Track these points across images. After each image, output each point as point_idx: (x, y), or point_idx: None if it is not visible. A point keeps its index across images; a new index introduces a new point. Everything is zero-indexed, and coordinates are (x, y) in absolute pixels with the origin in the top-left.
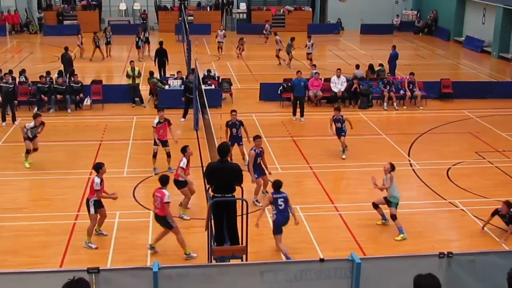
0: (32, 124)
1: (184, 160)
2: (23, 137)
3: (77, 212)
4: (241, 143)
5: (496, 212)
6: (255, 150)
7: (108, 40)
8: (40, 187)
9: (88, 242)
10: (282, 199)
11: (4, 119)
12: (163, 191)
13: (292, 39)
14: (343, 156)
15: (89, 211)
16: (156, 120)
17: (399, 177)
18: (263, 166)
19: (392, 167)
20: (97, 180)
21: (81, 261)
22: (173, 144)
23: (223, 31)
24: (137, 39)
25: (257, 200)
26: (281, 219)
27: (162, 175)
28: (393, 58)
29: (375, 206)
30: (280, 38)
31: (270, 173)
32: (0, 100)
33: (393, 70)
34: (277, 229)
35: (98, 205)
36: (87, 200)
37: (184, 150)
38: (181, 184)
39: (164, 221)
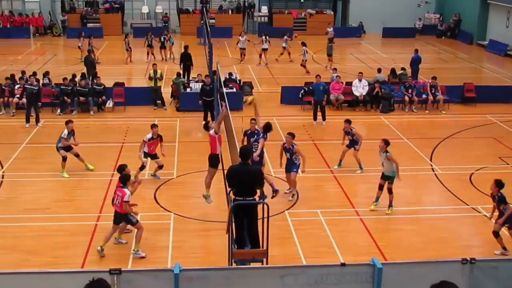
0: (66, 131)
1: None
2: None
3: (98, 214)
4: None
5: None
6: (283, 144)
7: (128, 47)
8: (62, 188)
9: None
10: None
11: (28, 121)
12: (124, 190)
13: (303, 44)
14: (359, 171)
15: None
16: (149, 136)
17: (421, 181)
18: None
19: (387, 143)
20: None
21: (102, 262)
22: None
23: (244, 37)
24: (161, 40)
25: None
26: None
27: (123, 175)
28: (415, 61)
29: (381, 187)
30: (306, 49)
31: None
32: (25, 101)
33: (416, 74)
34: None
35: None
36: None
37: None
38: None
39: (125, 218)
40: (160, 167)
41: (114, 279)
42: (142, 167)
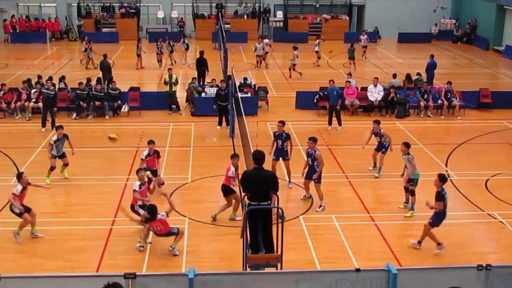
0: (55, 137)
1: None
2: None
3: (113, 218)
4: (286, 158)
5: None
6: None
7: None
8: (77, 192)
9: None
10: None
11: (44, 125)
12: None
13: (295, 48)
14: (376, 175)
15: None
16: (146, 153)
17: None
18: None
19: (407, 146)
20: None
21: (117, 266)
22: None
23: (261, 44)
24: (170, 44)
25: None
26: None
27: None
28: (431, 67)
29: (407, 189)
30: (297, 53)
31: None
32: (41, 105)
33: (431, 79)
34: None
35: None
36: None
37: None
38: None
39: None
40: (161, 184)
41: (128, 283)
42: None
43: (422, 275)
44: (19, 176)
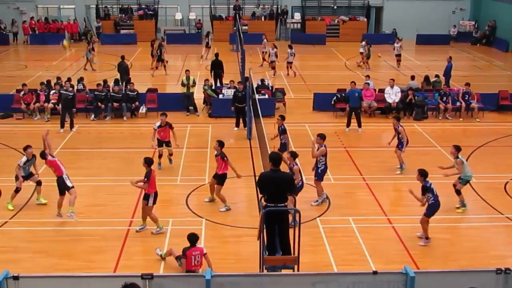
0: (24, 159)
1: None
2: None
3: (131, 218)
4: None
5: None
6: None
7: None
8: (95, 193)
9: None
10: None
11: (62, 126)
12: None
13: (290, 46)
14: (398, 172)
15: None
16: (158, 123)
17: (454, 190)
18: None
19: (458, 149)
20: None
21: (134, 267)
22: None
23: (275, 49)
24: (158, 52)
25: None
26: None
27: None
28: (449, 69)
29: (458, 192)
30: (293, 51)
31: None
32: (60, 107)
33: (447, 81)
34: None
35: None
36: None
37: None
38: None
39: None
40: (170, 155)
41: (146, 284)
42: (160, 156)
43: (440, 278)
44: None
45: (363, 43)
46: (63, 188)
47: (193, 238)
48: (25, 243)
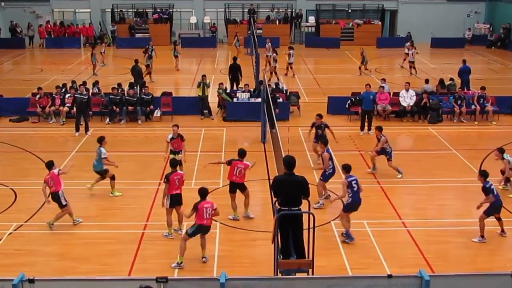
0: (104, 150)
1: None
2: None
3: (145, 222)
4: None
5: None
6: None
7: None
8: (109, 196)
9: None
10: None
11: (77, 129)
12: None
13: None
14: (399, 176)
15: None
16: (170, 136)
17: (470, 193)
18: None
19: (501, 151)
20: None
21: (148, 270)
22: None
23: (275, 54)
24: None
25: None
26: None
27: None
28: (463, 72)
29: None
30: (293, 52)
31: None
32: (75, 110)
33: (466, 85)
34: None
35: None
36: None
37: None
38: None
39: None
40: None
41: (160, 287)
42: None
43: (455, 281)
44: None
45: (407, 44)
46: (58, 203)
47: (203, 192)
48: (40, 246)
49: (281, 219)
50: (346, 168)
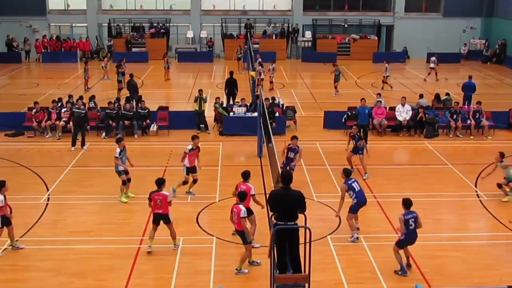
0: (118, 149)
1: None
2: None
3: (141, 237)
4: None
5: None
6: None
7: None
8: (106, 211)
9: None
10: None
11: (74, 144)
12: (239, 206)
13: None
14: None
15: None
16: (189, 147)
17: (466, 207)
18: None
19: (502, 156)
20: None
21: (145, 286)
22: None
23: (260, 67)
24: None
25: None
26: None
27: (240, 191)
28: (467, 88)
29: (499, 185)
30: (274, 66)
31: None
32: (71, 125)
33: (468, 100)
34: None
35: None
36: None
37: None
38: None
39: (241, 235)
40: (195, 181)
41: None
42: (185, 182)
43: None
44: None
45: (433, 58)
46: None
47: (158, 182)
48: (36, 261)
49: (277, 234)
50: (346, 172)
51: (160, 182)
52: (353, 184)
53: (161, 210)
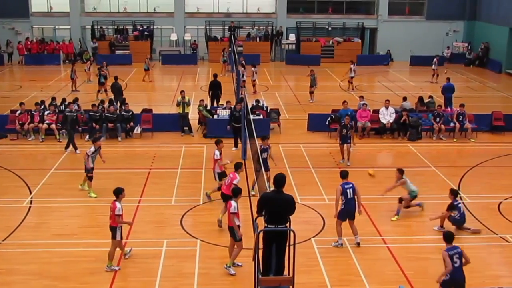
0: (92, 148)
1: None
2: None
3: (125, 240)
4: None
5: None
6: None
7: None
8: (89, 214)
9: (110, 266)
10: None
11: (75, 147)
12: (231, 202)
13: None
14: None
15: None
16: (218, 152)
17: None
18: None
19: (401, 172)
20: (119, 205)
21: None
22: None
23: (243, 68)
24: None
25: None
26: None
27: (234, 187)
28: (446, 90)
29: (400, 200)
30: (256, 70)
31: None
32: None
33: (449, 102)
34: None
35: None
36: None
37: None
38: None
39: (231, 232)
40: (219, 188)
41: None
42: (219, 188)
43: None
44: None
45: (435, 59)
46: None
47: (116, 191)
48: (19, 265)
49: (267, 237)
50: (342, 175)
51: (117, 192)
52: (347, 190)
53: (110, 221)
